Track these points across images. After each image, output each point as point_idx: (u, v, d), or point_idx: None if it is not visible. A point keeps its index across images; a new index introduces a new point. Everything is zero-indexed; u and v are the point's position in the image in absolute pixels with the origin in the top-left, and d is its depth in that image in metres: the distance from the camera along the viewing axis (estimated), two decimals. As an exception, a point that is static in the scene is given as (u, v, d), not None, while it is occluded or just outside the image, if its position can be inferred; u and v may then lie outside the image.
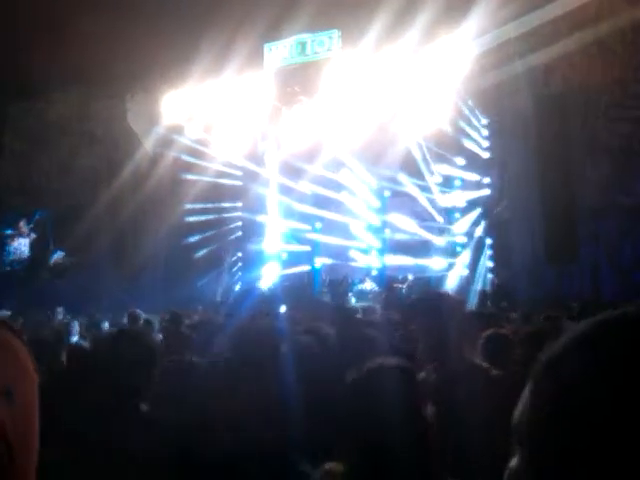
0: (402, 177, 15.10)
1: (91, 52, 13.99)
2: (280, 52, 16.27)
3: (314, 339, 3.44)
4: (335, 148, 15.36)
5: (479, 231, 14.60)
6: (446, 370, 2.19)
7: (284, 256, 16.92)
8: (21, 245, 16.12)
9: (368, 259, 15.94)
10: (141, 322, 7.55)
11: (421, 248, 15.07)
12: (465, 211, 14.87)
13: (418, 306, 2.48)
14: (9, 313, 11.07)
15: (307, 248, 16.68)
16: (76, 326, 7.90)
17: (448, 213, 15.17)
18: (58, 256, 16.38)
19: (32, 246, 16.22)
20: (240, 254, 17.68)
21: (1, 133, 16.79)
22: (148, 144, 17.20)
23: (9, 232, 16.02)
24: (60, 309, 11.01)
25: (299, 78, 16.15)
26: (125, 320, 8.73)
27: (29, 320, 9.97)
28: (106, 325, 9.72)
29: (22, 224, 16.11)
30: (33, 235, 16.28)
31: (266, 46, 16.25)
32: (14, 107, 16.55)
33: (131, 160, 16.96)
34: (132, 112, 17.07)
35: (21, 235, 16.17)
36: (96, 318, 10.26)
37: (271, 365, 2.13)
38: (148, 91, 16.33)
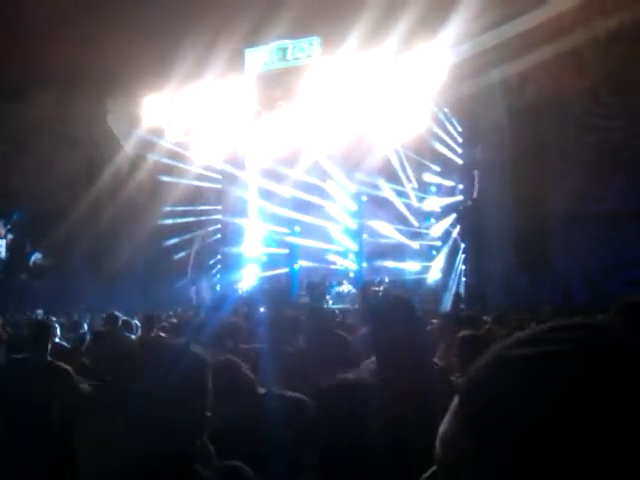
0: (380, 182, 15.36)
1: (72, 54, 14.03)
2: (261, 57, 16.45)
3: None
4: (315, 153, 15.57)
5: (454, 236, 14.93)
6: (409, 379, 2.21)
7: (263, 259, 17.09)
8: (-2, 246, 16.08)
9: (345, 262, 16.19)
10: (119, 324, 7.67)
11: (397, 251, 15.36)
12: (440, 216, 15.19)
13: (391, 312, 2.50)
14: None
15: (286, 251, 16.87)
16: (57, 328, 7.99)
17: (424, 218, 15.47)
18: (36, 257, 16.35)
19: (8, 247, 16.16)
20: (220, 257, 17.80)
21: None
22: (128, 146, 17.24)
23: None
24: (40, 311, 11.03)
25: (280, 83, 16.33)
26: (103, 322, 8.83)
27: (8, 321, 10.01)
28: (85, 327, 9.79)
29: (-1, 225, 16.08)
30: (10, 236, 16.22)
31: (247, 51, 16.41)
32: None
33: (111, 162, 16.98)
34: (112, 114, 17.10)
35: (-2, 236, 16.14)
36: (75, 319, 10.33)
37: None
38: (129, 94, 16.38)
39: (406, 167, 15.32)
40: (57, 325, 7.89)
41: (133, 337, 7.19)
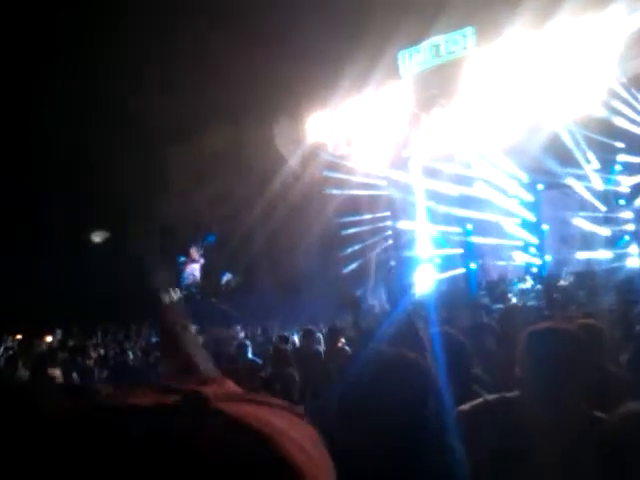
0: (555, 168, 14.38)
1: (240, 87, 15.10)
2: (414, 58, 16.31)
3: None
4: (480, 146, 15.05)
5: (648, 217, 13.51)
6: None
7: (437, 261, 16.83)
8: (194, 270, 17.70)
9: (527, 257, 15.38)
10: (316, 337, 8.11)
11: (585, 240, 14.24)
12: (631, 197, 13.83)
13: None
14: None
15: (460, 251, 16.47)
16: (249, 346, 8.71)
17: (611, 201, 14.18)
18: (227, 278, 17.77)
19: (203, 270, 17.75)
20: (393, 262, 17.89)
21: (167, 172, 18.62)
22: (295, 164, 18.05)
23: (183, 259, 17.67)
24: (239, 327, 12.00)
25: (436, 81, 16.04)
26: (297, 336, 9.37)
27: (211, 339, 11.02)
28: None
29: (193, 251, 17.70)
30: (202, 260, 17.82)
31: (400, 54, 16.36)
32: (175, 148, 18.29)
33: (281, 181, 17.90)
34: (278, 135, 18.03)
35: (193, 261, 17.77)
36: (269, 335, 11.06)
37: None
38: (293, 114, 17.21)
39: (583, 148, 14.17)
40: (248, 343, 8.57)
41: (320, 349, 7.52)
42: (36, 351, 9.63)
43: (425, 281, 16.46)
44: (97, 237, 19.18)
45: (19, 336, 13.39)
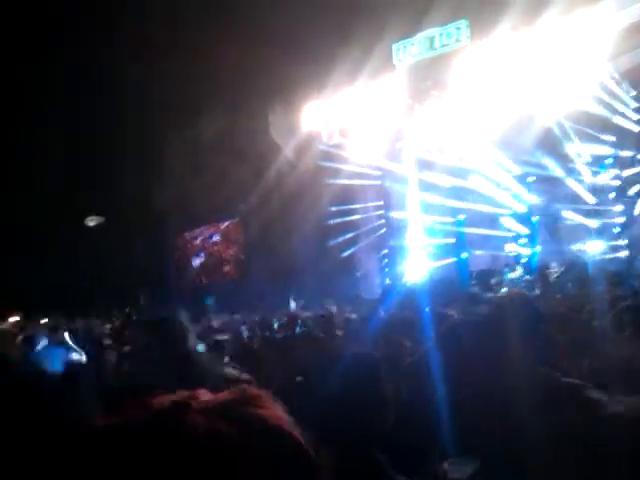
0: (546, 161, 14.62)
1: (235, 74, 15.17)
2: (409, 50, 16.45)
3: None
4: (472, 138, 15.25)
5: (638, 209, 13.79)
6: None
7: (429, 250, 17.07)
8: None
9: (517, 247, 15.66)
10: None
11: (575, 232, 14.54)
12: (621, 190, 14.11)
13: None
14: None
15: (452, 240, 16.72)
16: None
17: (601, 193, 14.46)
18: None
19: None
20: (386, 251, 18.12)
21: (162, 159, 18.67)
22: (289, 153, 18.17)
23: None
24: (237, 316, 12.18)
25: (429, 73, 16.21)
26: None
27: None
28: (275, 325, 10.69)
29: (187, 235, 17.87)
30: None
31: (394, 46, 16.49)
32: (171, 135, 18.34)
33: (276, 169, 18.03)
34: (273, 124, 18.14)
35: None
36: (268, 319, 11.28)
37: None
38: (288, 103, 17.30)
39: (575, 142, 14.42)
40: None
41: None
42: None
43: (418, 269, 16.69)
44: (91, 222, 19.25)
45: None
